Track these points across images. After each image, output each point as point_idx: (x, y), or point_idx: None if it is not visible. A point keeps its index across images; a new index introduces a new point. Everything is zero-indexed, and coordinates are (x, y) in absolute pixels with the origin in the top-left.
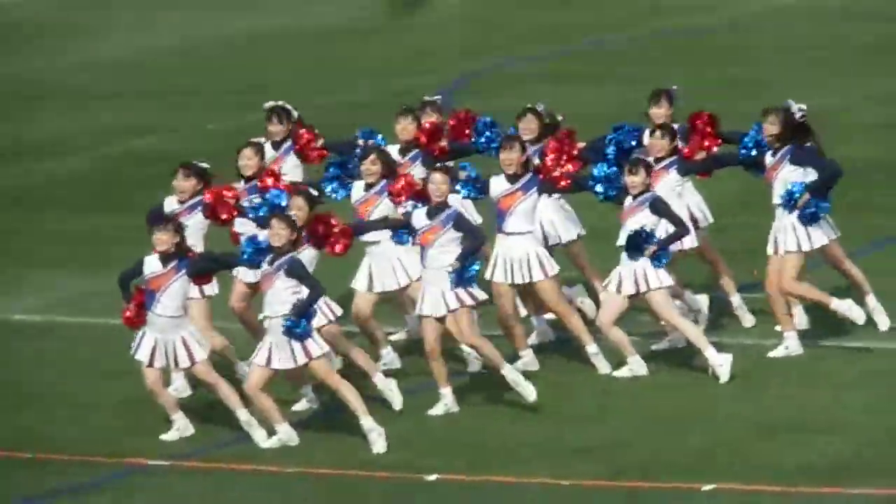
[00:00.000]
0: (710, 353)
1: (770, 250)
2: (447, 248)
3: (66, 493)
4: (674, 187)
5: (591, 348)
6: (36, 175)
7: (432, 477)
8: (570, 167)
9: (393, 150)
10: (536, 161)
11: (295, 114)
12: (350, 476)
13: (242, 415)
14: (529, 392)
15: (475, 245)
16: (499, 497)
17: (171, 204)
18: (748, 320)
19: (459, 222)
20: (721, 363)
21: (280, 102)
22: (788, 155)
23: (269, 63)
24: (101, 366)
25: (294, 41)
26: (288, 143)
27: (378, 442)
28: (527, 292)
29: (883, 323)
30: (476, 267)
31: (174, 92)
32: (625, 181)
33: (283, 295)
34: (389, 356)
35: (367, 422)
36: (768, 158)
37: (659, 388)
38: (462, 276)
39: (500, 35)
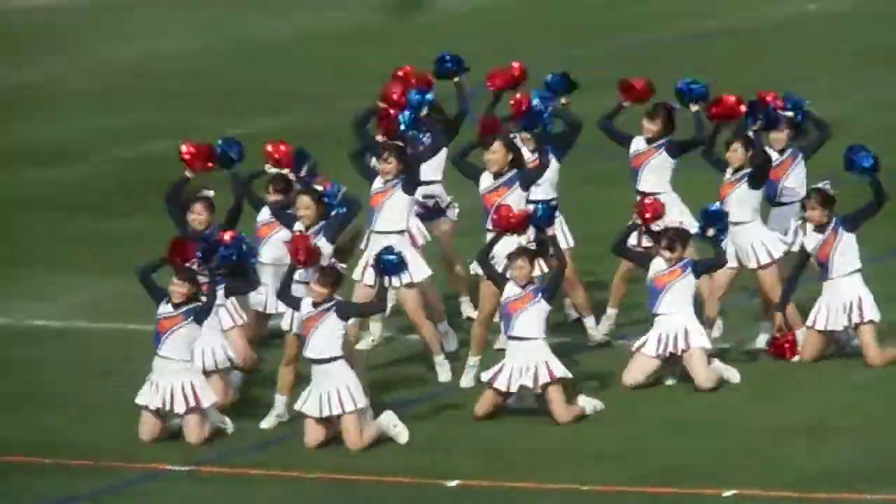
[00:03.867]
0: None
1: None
2: None
3: (87, 498)
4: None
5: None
6: (50, 181)
7: (453, 483)
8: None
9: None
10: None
11: (296, 186)
12: (370, 482)
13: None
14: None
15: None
16: (519, 503)
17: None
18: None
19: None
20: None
21: (284, 171)
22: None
23: (286, 67)
24: (118, 370)
25: (310, 44)
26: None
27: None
28: None
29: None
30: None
31: (190, 95)
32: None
33: (331, 338)
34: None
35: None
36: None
37: (677, 393)
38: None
39: (496, 40)
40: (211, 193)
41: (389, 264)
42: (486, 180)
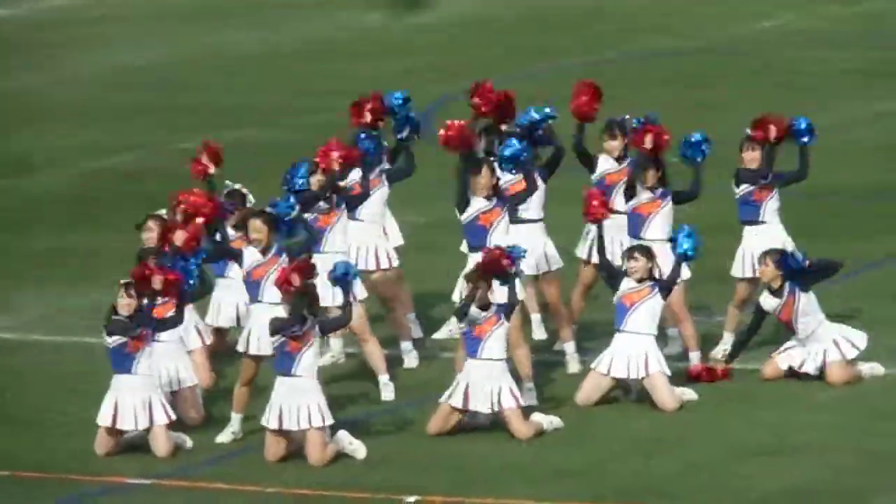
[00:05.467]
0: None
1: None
2: None
3: None
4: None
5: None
6: (13, 192)
7: (412, 498)
8: None
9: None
10: None
11: (251, 199)
12: (330, 496)
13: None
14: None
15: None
16: None
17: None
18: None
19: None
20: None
21: (237, 186)
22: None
23: (251, 81)
24: (79, 384)
25: (272, 60)
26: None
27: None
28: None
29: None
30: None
31: (154, 109)
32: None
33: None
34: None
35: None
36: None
37: (637, 411)
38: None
39: (470, 58)
40: (163, 212)
41: (339, 278)
42: (478, 202)
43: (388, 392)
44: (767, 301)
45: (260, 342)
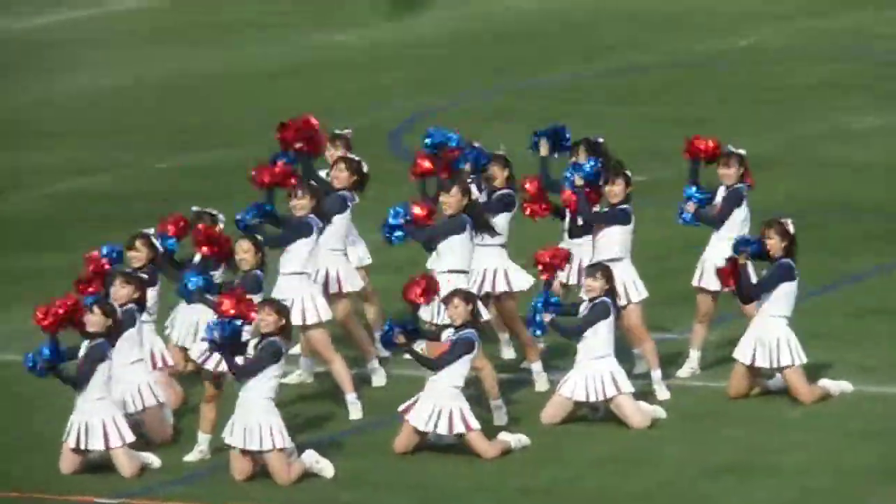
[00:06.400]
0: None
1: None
2: None
3: None
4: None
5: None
6: None
7: None
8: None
9: None
10: None
11: (220, 218)
12: None
13: None
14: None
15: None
16: None
17: None
18: None
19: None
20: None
21: (207, 209)
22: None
23: (221, 102)
24: (44, 404)
25: (242, 81)
26: None
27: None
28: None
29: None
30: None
31: (122, 131)
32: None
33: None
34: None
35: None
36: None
37: (606, 429)
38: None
39: (446, 72)
40: (151, 231)
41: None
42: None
43: (355, 411)
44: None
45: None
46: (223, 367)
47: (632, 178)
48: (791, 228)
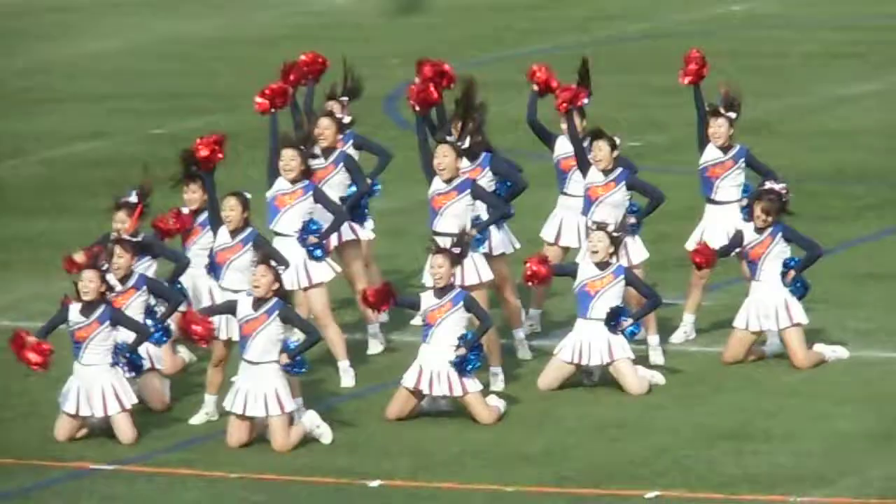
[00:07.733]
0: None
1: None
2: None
3: (15, 496)
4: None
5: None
6: None
7: (375, 483)
8: None
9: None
10: None
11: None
12: (294, 482)
13: None
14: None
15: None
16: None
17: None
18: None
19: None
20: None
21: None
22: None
23: (220, 67)
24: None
25: (238, 46)
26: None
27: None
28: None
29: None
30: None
31: (118, 96)
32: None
33: (272, 342)
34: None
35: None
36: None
37: (601, 395)
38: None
39: (436, 41)
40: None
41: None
42: (436, 183)
43: (347, 378)
44: (749, 232)
45: (229, 324)
46: (232, 333)
47: (619, 142)
48: (776, 199)
